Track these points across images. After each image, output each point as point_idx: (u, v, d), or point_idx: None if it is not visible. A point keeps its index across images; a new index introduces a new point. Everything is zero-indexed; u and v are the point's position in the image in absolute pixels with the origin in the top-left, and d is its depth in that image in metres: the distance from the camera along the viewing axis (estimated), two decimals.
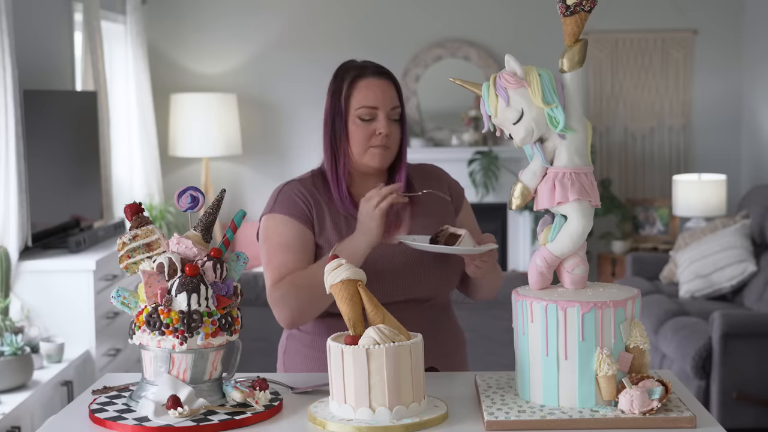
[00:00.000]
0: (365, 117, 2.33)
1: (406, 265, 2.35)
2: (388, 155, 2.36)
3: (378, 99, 2.32)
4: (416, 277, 2.35)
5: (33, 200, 4.46)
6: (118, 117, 6.28)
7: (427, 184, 2.45)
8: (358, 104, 2.33)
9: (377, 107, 2.32)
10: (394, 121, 2.35)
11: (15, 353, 3.88)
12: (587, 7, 1.91)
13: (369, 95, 2.33)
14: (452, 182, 2.53)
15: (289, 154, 7.28)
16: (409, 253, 2.34)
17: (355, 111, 2.33)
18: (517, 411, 1.88)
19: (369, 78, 2.34)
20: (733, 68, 7.23)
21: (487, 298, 2.48)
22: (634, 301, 1.91)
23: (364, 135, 2.33)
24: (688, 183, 6.32)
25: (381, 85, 2.34)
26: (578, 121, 1.94)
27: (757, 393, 4.53)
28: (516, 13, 7.24)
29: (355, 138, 2.33)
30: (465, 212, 2.52)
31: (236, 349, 1.99)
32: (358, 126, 2.33)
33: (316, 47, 7.20)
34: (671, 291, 5.68)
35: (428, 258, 2.35)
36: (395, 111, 2.35)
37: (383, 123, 2.32)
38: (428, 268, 2.36)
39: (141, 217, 2.00)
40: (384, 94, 2.33)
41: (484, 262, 2.29)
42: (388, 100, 2.33)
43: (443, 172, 2.54)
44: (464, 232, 2.26)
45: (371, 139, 2.33)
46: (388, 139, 2.33)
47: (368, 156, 2.34)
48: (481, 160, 6.99)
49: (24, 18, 4.77)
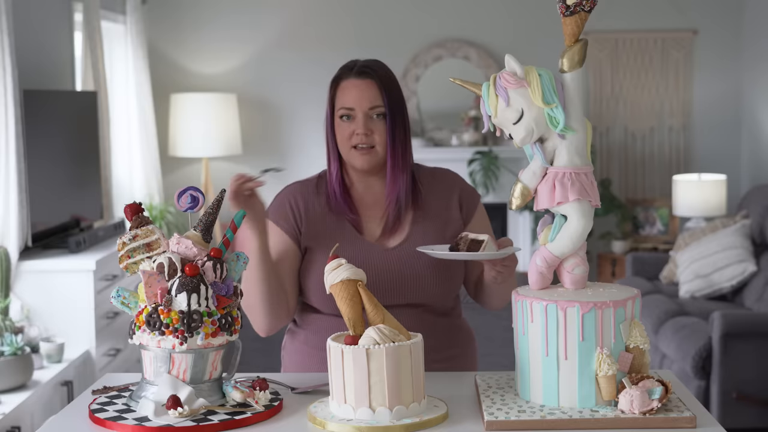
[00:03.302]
0: (346, 117, 2.34)
1: (401, 270, 2.34)
2: (371, 156, 2.34)
3: (354, 99, 2.33)
4: (412, 282, 2.34)
5: (33, 200, 4.46)
6: (118, 117, 6.28)
7: (435, 189, 2.43)
8: (339, 105, 2.36)
9: (353, 108, 2.34)
10: (377, 119, 2.34)
11: (15, 353, 3.88)
12: (587, 7, 1.91)
13: (347, 96, 2.34)
14: (466, 190, 2.48)
15: (289, 154, 7.28)
16: (405, 258, 2.34)
17: (338, 112, 2.36)
18: (517, 411, 1.88)
19: (349, 79, 2.36)
20: (732, 68, 7.23)
21: (497, 308, 2.44)
22: (634, 301, 1.91)
23: (345, 135, 2.35)
24: (688, 183, 6.32)
25: (359, 85, 2.34)
26: (578, 121, 1.93)
27: (757, 393, 4.53)
28: (516, 13, 7.24)
29: (339, 139, 2.36)
30: (477, 221, 2.46)
31: (236, 349, 1.99)
32: (341, 127, 2.35)
33: (316, 47, 7.20)
34: (671, 291, 5.68)
35: (425, 264, 2.34)
36: (375, 110, 2.34)
37: (360, 123, 2.33)
38: (425, 275, 2.35)
39: (141, 217, 2.00)
40: (361, 94, 2.33)
41: (505, 267, 2.25)
42: (365, 101, 2.33)
43: (457, 179, 2.49)
44: (486, 237, 2.19)
45: (351, 139, 2.34)
46: (367, 138, 2.33)
47: (351, 157, 2.35)
48: (481, 160, 6.99)
49: (24, 18, 4.77)
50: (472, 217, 2.45)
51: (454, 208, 2.43)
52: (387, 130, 2.34)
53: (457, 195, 2.46)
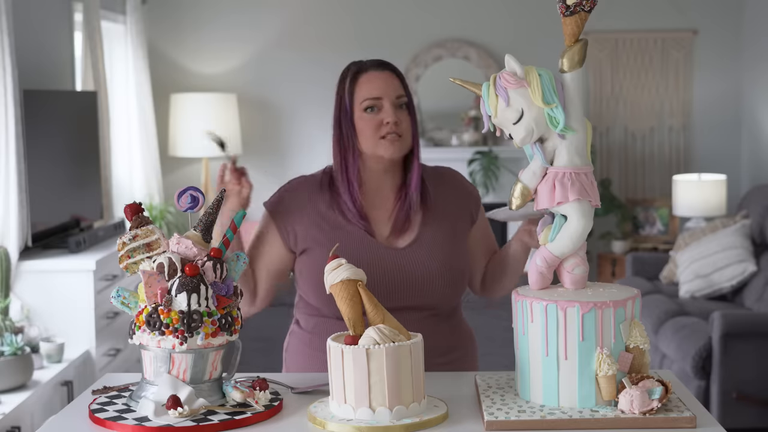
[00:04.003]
0: (370, 109, 2.32)
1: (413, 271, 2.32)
2: (401, 144, 2.32)
3: (380, 89, 2.31)
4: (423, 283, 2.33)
5: (33, 200, 4.46)
6: (118, 117, 6.28)
7: (443, 189, 2.43)
8: (362, 98, 2.32)
9: (381, 97, 2.31)
10: (401, 109, 2.34)
11: (15, 353, 3.88)
12: (587, 7, 1.91)
13: (371, 87, 2.32)
14: (470, 189, 2.50)
15: (289, 154, 7.28)
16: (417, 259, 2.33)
17: (360, 104, 2.32)
18: (517, 411, 1.88)
19: (370, 71, 2.34)
20: (732, 68, 7.23)
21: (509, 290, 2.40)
22: (634, 301, 1.91)
23: (373, 127, 2.31)
24: (688, 183, 6.32)
25: (382, 76, 2.33)
26: (578, 121, 1.93)
27: (757, 393, 4.53)
28: (516, 13, 7.24)
29: (364, 132, 2.32)
30: (481, 220, 2.48)
31: (236, 349, 1.99)
32: (365, 119, 2.32)
33: (316, 47, 7.20)
34: (671, 291, 5.68)
35: (437, 264, 2.33)
36: (400, 99, 2.33)
37: (389, 111, 2.30)
38: (435, 275, 2.34)
39: (141, 217, 2.00)
40: (386, 83, 2.32)
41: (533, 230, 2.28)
42: (391, 89, 2.32)
43: (461, 178, 2.51)
44: None
45: (380, 129, 2.31)
46: (397, 126, 2.31)
47: (381, 147, 2.31)
48: (481, 160, 6.99)
49: (24, 18, 4.77)
50: (478, 216, 2.46)
51: (462, 207, 2.44)
52: (412, 120, 2.35)
53: (463, 193, 2.46)
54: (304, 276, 2.37)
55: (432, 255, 2.32)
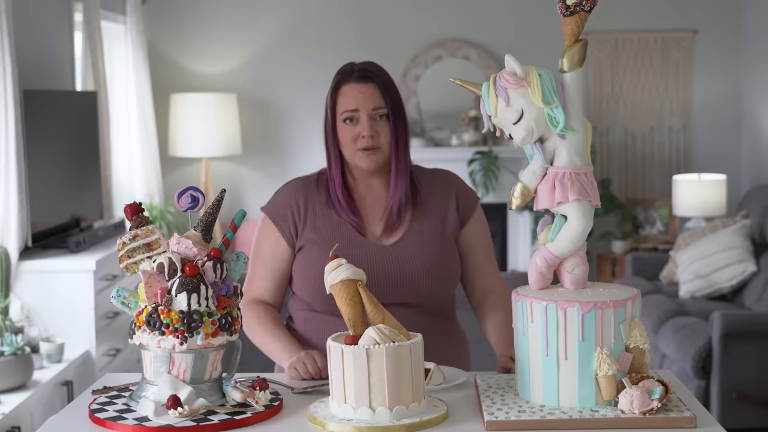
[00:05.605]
0: (349, 120, 2.37)
1: (399, 268, 2.35)
2: (376, 157, 2.37)
3: (358, 101, 2.36)
4: (410, 280, 2.35)
5: (33, 200, 4.46)
6: (118, 117, 6.27)
7: (433, 188, 2.45)
8: (341, 109, 2.38)
9: (357, 109, 2.36)
10: (380, 120, 2.37)
11: (15, 353, 3.88)
12: (587, 7, 1.91)
13: (350, 99, 2.37)
14: (463, 192, 2.48)
15: (289, 154, 7.28)
16: (402, 255, 2.35)
17: (341, 115, 2.38)
18: (517, 411, 1.88)
19: (350, 83, 2.38)
20: (732, 68, 7.23)
21: None
22: (634, 301, 1.91)
23: (351, 138, 2.37)
24: (688, 183, 6.32)
25: (361, 89, 2.37)
26: (578, 121, 1.94)
27: (757, 393, 4.53)
28: (516, 13, 7.24)
29: (344, 141, 2.38)
30: (474, 224, 2.47)
31: (236, 349, 1.99)
32: (345, 130, 2.37)
33: (316, 47, 7.20)
34: (671, 291, 5.68)
35: (422, 261, 2.36)
36: (378, 111, 2.36)
37: (365, 125, 2.35)
38: (421, 272, 2.36)
39: (141, 217, 2.00)
40: (364, 96, 2.36)
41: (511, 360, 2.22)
42: (368, 102, 2.36)
43: (455, 180, 2.50)
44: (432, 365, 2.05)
45: (357, 142, 2.36)
46: (373, 140, 2.35)
47: (357, 158, 2.37)
48: (481, 160, 6.99)
49: (24, 18, 4.77)
50: (469, 219, 2.46)
51: (452, 208, 2.45)
52: (390, 131, 2.37)
53: (455, 195, 2.47)
54: (298, 273, 2.41)
55: (418, 252, 2.36)
